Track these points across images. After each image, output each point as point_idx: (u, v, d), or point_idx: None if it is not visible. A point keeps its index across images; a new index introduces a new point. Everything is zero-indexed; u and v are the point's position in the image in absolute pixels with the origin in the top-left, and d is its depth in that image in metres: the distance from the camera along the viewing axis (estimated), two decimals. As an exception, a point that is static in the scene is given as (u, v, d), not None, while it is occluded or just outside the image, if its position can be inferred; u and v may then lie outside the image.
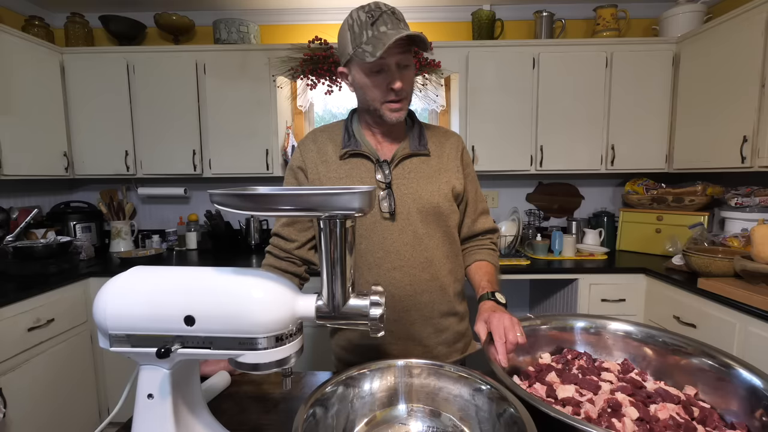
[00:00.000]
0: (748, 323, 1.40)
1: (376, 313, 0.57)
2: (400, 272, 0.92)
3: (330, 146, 0.96)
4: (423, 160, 0.95)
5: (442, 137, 1.00)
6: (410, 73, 0.87)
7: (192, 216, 2.53)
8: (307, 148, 0.97)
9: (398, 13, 0.82)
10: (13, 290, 1.63)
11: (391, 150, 0.95)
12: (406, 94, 0.87)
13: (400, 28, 0.80)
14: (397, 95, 0.86)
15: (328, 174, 0.93)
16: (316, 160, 0.95)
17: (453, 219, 0.97)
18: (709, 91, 1.94)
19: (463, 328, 1.03)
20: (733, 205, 1.98)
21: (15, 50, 1.92)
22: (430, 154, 0.96)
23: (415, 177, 0.93)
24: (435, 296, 0.95)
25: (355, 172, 0.93)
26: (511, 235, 2.17)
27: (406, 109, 0.89)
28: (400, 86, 0.84)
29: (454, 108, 2.36)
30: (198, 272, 0.57)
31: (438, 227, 0.94)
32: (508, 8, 2.44)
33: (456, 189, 0.96)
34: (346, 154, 0.93)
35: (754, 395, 0.63)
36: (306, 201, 0.52)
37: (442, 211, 0.94)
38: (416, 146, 0.94)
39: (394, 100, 0.86)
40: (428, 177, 0.94)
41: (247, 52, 2.20)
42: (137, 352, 0.55)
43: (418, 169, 0.94)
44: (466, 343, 1.04)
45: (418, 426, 0.68)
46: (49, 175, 2.13)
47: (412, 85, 0.89)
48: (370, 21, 0.80)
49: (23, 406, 1.60)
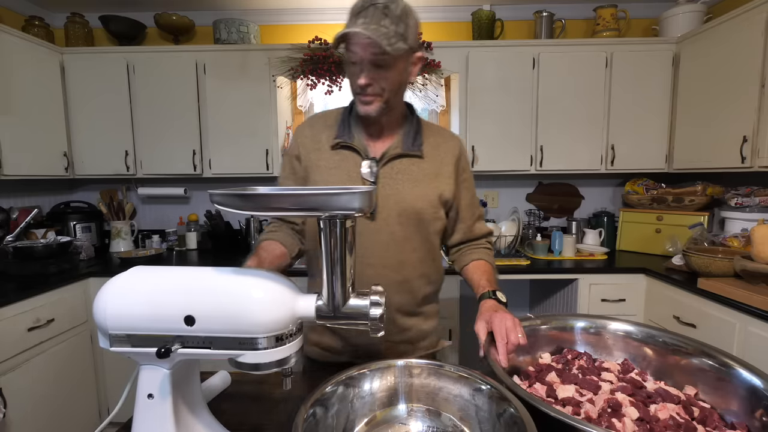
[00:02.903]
0: (748, 323, 1.40)
1: (376, 313, 0.57)
2: (372, 270, 0.90)
3: (325, 134, 0.94)
4: (414, 162, 0.92)
5: (440, 139, 0.97)
6: (389, 73, 0.82)
7: (192, 216, 2.53)
8: (303, 134, 0.96)
9: (395, 8, 0.78)
10: (13, 290, 1.63)
11: (383, 146, 0.93)
12: (378, 91, 0.83)
13: (380, 25, 0.76)
14: (362, 90, 0.83)
15: (318, 162, 0.92)
16: (309, 146, 0.94)
17: (435, 225, 0.95)
18: (709, 91, 1.94)
19: (428, 327, 1.01)
20: (733, 205, 1.98)
21: (15, 50, 1.92)
22: (424, 156, 0.92)
23: (401, 179, 0.90)
24: (403, 298, 0.94)
25: (344, 164, 0.91)
26: (511, 235, 2.17)
27: (378, 105, 0.85)
28: (363, 83, 0.81)
29: (454, 108, 2.36)
30: (198, 272, 0.57)
31: (417, 232, 0.92)
32: (508, 8, 2.44)
33: (444, 196, 0.93)
34: (337, 144, 0.92)
35: (754, 395, 0.63)
36: (306, 201, 0.52)
37: (424, 217, 0.92)
38: (409, 146, 0.91)
39: (362, 95, 0.84)
40: (416, 181, 0.91)
41: (247, 52, 2.20)
42: (137, 352, 0.55)
43: (407, 171, 0.91)
44: (432, 341, 1.03)
45: (418, 426, 0.68)
46: (49, 175, 2.13)
47: (390, 84, 0.84)
48: (357, 11, 0.79)
49: (23, 406, 1.60)
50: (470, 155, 2.23)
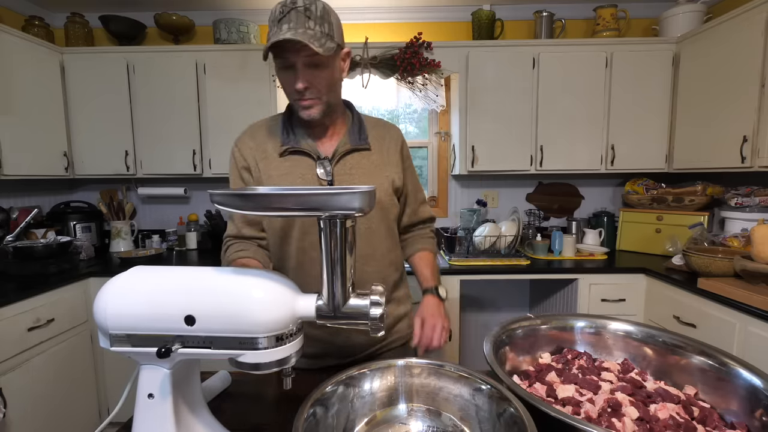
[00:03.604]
0: (748, 323, 1.40)
1: (377, 312, 0.57)
2: None
3: (269, 143, 0.93)
4: (364, 155, 0.95)
5: (382, 130, 1.00)
6: (323, 72, 0.83)
7: (192, 216, 2.53)
8: (246, 146, 0.94)
9: (315, 10, 0.78)
10: (13, 290, 1.63)
11: (332, 145, 0.94)
12: (316, 93, 0.84)
13: (306, 27, 0.77)
14: (300, 95, 0.84)
15: (268, 171, 0.91)
16: (257, 157, 0.93)
17: (393, 212, 0.99)
18: (709, 91, 1.94)
19: (402, 311, 1.05)
20: (733, 205, 1.98)
21: (15, 50, 1.92)
22: (371, 148, 0.95)
23: (356, 173, 0.93)
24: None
25: (296, 169, 0.91)
26: (511, 235, 2.17)
27: (319, 107, 0.86)
28: (301, 87, 0.82)
29: (454, 108, 2.36)
30: (198, 272, 0.57)
31: (381, 222, 0.96)
32: (508, 8, 2.45)
33: (395, 183, 0.97)
34: (285, 151, 0.91)
35: (754, 395, 0.63)
36: (307, 201, 0.52)
37: (384, 205, 0.95)
38: (357, 141, 0.94)
39: (302, 99, 0.85)
40: (369, 172, 0.94)
41: (247, 52, 2.20)
42: (137, 352, 0.55)
43: (360, 165, 0.94)
44: (407, 323, 1.06)
45: (418, 426, 0.68)
46: (49, 175, 2.13)
47: (327, 83, 0.85)
48: (278, 17, 0.78)
49: (23, 406, 1.60)
50: (470, 155, 2.23)
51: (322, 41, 0.78)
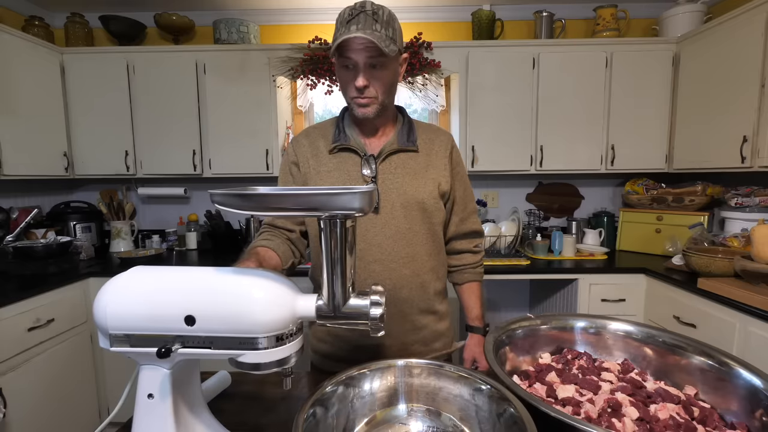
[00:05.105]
0: (748, 323, 1.40)
1: (377, 312, 0.57)
2: (380, 265, 0.92)
3: (321, 141, 0.98)
4: (410, 156, 0.96)
5: (432, 134, 1.01)
6: (383, 73, 0.86)
7: (192, 216, 2.53)
8: (300, 144, 1.00)
9: (382, 14, 0.83)
10: (13, 290, 1.63)
11: (379, 145, 0.97)
12: (374, 93, 0.88)
13: (374, 29, 0.81)
14: (359, 93, 0.87)
15: (317, 167, 0.96)
16: (308, 154, 0.97)
17: (437, 216, 0.98)
18: (709, 91, 1.94)
19: (442, 328, 1.03)
20: (733, 205, 1.98)
21: (15, 50, 1.92)
22: (419, 150, 0.97)
23: (401, 172, 0.94)
24: (414, 293, 0.95)
25: (343, 165, 0.94)
26: (511, 235, 2.17)
27: (374, 107, 0.89)
28: (361, 85, 0.85)
29: (454, 108, 2.36)
30: (198, 272, 0.57)
31: (422, 223, 0.95)
32: (508, 8, 2.45)
33: (442, 187, 0.97)
34: (335, 148, 0.95)
35: (754, 395, 0.63)
36: (306, 201, 0.52)
37: (427, 207, 0.95)
38: (404, 142, 0.95)
39: (359, 97, 0.88)
40: (414, 173, 0.95)
41: (247, 52, 2.20)
42: (137, 352, 0.55)
43: (405, 165, 0.95)
44: (445, 342, 1.04)
45: (418, 426, 0.68)
46: (49, 175, 2.13)
47: (385, 84, 0.88)
48: (347, 19, 0.82)
49: (23, 406, 1.60)
50: (470, 155, 2.23)
51: (387, 43, 0.82)
